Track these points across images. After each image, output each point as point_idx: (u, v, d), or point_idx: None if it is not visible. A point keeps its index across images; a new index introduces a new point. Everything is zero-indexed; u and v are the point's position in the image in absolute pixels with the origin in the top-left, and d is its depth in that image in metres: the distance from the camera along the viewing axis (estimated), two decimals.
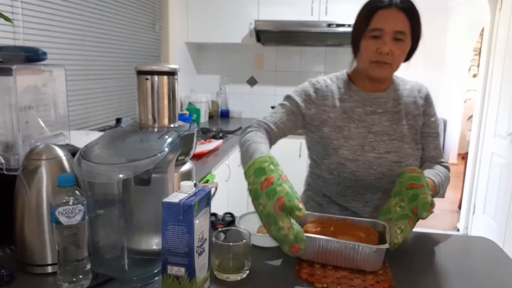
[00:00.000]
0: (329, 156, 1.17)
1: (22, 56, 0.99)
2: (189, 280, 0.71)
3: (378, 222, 0.97)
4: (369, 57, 1.10)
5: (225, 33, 3.23)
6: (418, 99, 1.23)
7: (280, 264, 0.90)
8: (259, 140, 1.05)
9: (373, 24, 1.08)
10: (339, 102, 1.19)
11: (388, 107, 1.20)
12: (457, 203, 4.21)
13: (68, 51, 2.01)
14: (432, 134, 1.23)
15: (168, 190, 0.81)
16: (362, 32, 1.10)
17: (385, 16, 1.08)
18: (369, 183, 1.17)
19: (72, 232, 0.75)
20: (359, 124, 1.18)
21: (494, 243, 1.05)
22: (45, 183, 0.81)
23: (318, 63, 3.55)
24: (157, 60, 3.02)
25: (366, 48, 1.10)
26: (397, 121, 1.19)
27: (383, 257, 0.86)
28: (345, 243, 0.86)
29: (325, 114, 1.18)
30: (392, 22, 1.07)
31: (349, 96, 1.20)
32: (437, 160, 1.24)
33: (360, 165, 1.14)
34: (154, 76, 0.84)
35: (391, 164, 1.15)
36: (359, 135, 1.17)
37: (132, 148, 0.81)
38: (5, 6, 1.60)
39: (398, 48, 1.09)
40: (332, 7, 3.05)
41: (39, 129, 0.98)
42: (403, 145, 1.17)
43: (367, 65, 1.12)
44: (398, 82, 1.25)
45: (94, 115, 2.27)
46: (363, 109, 1.18)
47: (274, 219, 0.80)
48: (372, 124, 1.18)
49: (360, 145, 1.16)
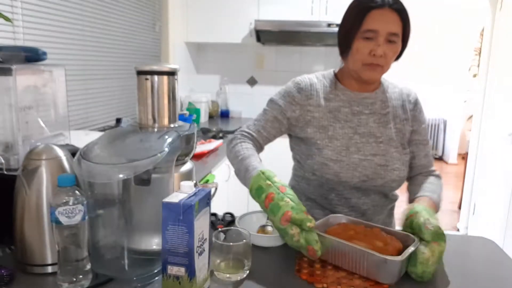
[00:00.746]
0: (313, 156, 1.14)
1: (22, 56, 0.99)
2: (189, 280, 0.71)
3: (410, 235, 0.90)
4: (361, 59, 1.08)
5: (225, 33, 3.22)
6: (406, 103, 1.20)
7: (280, 264, 0.90)
8: (247, 154, 1.09)
9: (367, 25, 1.05)
10: (324, 101, 1.16)
11: (376, 108, 1.17)
12: (457, 203, 4.21)
13: (68, 51, 2.01)
14: (423, 141, 1.21)
15: (168, 190, 0.81)
16: (354, 32, 1.07)
17: (379, 17, 1.04)
18: (353, 186, 1.13)
19: (72, 232, 0.75)
20: (345, 124, 1.15)
21: (494, 243, 1.05)
22: (45, 183, 0.81)
23: (318, 63, 3.54)
24: (157, 60, 3.02)
25: (359, 50, 1.07)
26: (384, 124, 1.16)
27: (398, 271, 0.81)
28: (353, 247, 0.84)
29: (309, 114, 1.16)
30: (387, 24, 1.04)
31: (335, 95, 1.17)
32: (428, 168, 1.22)
33: (343, 166, 1.11)
34: (154, 76, 0.84)
35: (377, 167, 1.12)
36: (345, 135, 1.14)
37: (132, 148, 0.81)
38: (5, 6, 1.60)
39: (391, 50, 1.07)
40: (332, 7, 3.05)
41: (39, 129, 0.98)
42: (390, 149, 1.15)
43: (358, 67, 1.09)
44: (387, 84, 1.22)
45: (94, 115, 2.27)
46: (350, 109, 1.16)
47: (284, 231, 0.86)
48: (358, 125, 1.15)
49: (345, 145, 1.13)
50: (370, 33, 1.05)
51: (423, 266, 0.82)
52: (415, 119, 1.21)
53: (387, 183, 1.14)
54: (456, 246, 1.05)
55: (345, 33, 1.11)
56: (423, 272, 0.82)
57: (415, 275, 0.83)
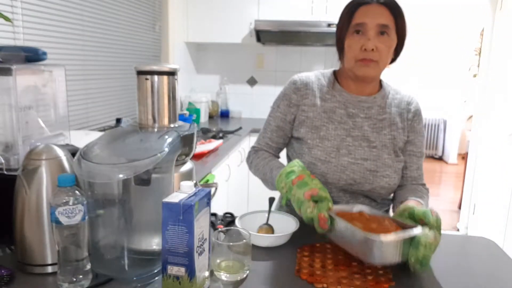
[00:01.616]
0: (302, 155, 1.15)
1: (22, 56, 0.99)
2: (189, 280, 0.71)
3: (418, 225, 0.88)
4: (354, 55, 1.08)
5: (225, 33, 3.22)
6: (405, 112, 1.18)
7: (280, 264, 0.90)
8: (269, 159, 1.20)
9: (356, 19, 1.07)
10: (320, 100, 1.17)
11: (372, 113, 1.16)
12: (457, 203, 4.21)
13: (68, 51, 2.01)
14: (417, 153, 1.19)
15: (168, 190, 0.81)
16: (346, 30, 1.09)
17: (367, 11, 1.07)
18: (339, 188, 1.13)
19: (72, 232, 0.75)
20: (339, 125, 1.14)
21: (494, 243, 1.05)
22: (45, 183, 0.81)
23: (318, 63, 3.54)
24: (157, 60, 3.02)
25: (350, 46, 1.08)
26: (379, 129, 1.15)
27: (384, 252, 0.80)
28: (347, 225, 0.86)
29: (303, 114, 1.17)
30: (375, 16, 1.06)
31: (331, 96, 1.17)
32: (418, 182, 1.20)
33: (331, 167, 1.11)
34: (154, 76, 0.84)
35: (365, 172, 1.11)
36: (337, 137, 1.13)
37: (132, 148, 0.81)
38: (5, 6, 1.60)
39: (383, 43, 1.06)
40: (332, 6, 3.05)
41: (39, 129, 0.98)
42: (383, 155, 1.13)
43: (352, 64, 1.10)
44: (389, 90, 1.20)
45: (94, 115, 2.27)
46: (345, 111, 1.15)
47: (302, 203, 0.94)
48: (352, 128, 1.14)
49: (336, 147, 1.12)
50: (358, 26, 1.07)
51: (426, 250, 0.81)
52: (412, 130, 1.18)
53: (375, 189, 1.13)
54: (456, 246, 1.05)
55: (339, 33, 1.13)
56: (423, 256, 0.81)
57: (415, 259, 0.82)
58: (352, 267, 0.88)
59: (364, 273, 0.86)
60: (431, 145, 6.45)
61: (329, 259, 0.92)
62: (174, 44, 3.12)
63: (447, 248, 1.02)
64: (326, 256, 0.93)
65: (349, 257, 0.92)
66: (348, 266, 0.89)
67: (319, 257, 0.92)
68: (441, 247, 1.02)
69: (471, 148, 3.47)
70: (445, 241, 1.06)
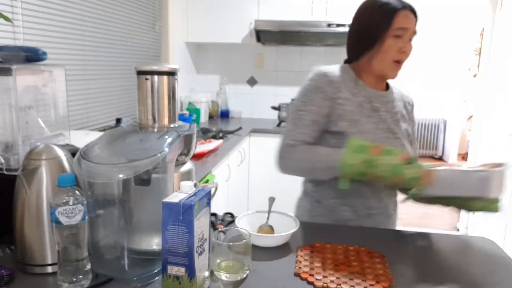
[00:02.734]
0: None
1: (22, 56, 0.99)
2: (189, 280, 0.71)
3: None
4: (392, 56, 1.13)
5: (225, 33, 3.23)
6: (407, 104, 1.29)
7: (280, 264, 0.90)
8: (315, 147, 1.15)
9: (398, 23, 1.11)
10: (351, 94, 1.17)
11: (389, 107, 1.21)
12: None
13: (68, 51, 2.01)
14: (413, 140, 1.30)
15: (168, 190, 0.81)
16: (384, 31, 1.11)
17: (407, 16, 1.12)
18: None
19: (72, 232, 0.75)
20: (368, 119, 1.16)
21: (494, 243, 1.05)
22: (45, 183, 0.81)
23: (318, 63, 3.54)
24: (157, 60, 3.02)
25: (391, 47, 1.12)
26: (396, 122, 1.21)
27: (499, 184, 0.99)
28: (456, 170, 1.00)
29: (340, 107, 1.14)
30: (412, 23, 1.13)
31: (358, 90, 1.18)
32: None
33: None
34: (154, 76, 0.84)
35: None
36: (370, 130, 1.15)
37: (132, 148, 0.81)
38: (5, 6, 1.60)
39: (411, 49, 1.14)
40: (332, 7, 3.05)
41: (39, 129, 0.98)
42: (406, 145, 1.20)
43: (387, 64, 1.14)
44: (392, 85, 1.28)
45: (94, 115, 2.27)
46: (370, 105, 1.18)
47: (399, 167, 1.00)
48: (378, 121, 1.18)
49: (371, 140, 1.11)
50: (400, 31, 1.11)
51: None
52: (411, 120, 1.30)
53: None
54: (456, 246, 1.05)
55: (372, 33, 1.14)
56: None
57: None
58: (352, 267, 0.88)
59: (364, 273, 0.86)
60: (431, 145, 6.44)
61: (329, 259, 0.92)
62: (174, 44, 3.12)
63: (447, 248, 1.02)
64: (326, 256, 0.93)
65: (349, 257, 0.92)
66: (348, 266, 0.89)
67: (319, 257, 0.92)
68: (441, 247, 1.02)
69: (471, 148, 3.46)
70: (445, 241, 1.06)
